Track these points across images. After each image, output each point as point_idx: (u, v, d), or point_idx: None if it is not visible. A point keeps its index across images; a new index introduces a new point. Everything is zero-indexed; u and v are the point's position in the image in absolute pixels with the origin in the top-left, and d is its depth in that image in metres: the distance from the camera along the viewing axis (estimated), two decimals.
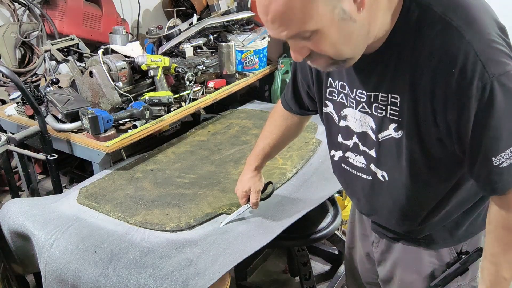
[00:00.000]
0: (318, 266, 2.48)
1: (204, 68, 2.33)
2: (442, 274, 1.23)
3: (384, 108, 1.02)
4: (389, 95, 1.00)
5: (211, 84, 2.37)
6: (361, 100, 1.06)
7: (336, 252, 2.43)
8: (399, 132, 1.02)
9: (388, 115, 1.02)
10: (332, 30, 0.85)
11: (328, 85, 1.16)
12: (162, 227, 1.51)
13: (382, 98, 1.01)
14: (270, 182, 1.58)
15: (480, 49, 0.87)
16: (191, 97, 2.23)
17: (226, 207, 1.60)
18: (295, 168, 1.86)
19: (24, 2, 2.37)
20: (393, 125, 1.02)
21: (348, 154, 1.18)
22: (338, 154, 1.23)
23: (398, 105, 0.99)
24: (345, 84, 1.10)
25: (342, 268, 2.14)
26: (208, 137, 2.20)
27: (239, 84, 2.48)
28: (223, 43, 2.42)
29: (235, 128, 2.28)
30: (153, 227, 1.51)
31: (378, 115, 1.04)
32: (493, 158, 0.92)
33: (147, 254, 1.37)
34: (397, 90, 0.98)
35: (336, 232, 1.98)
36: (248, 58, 2.57)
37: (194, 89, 2.26)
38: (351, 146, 1.16)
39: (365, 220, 1.38)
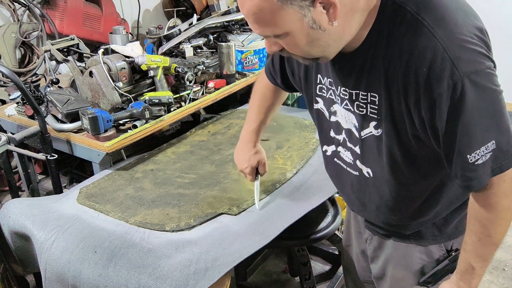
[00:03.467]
0: (318, 266, 2.48)
1: (204, 68, 2.33)
2: (431, 270, 1.24)
3: (364, 106, 1.04)
4: (368, 93, 1.02)
5: (211, 84, 2.37)
6: (345, 97, 1.08)
7: (336, 252, 2.43)
8: (379, 130, 1.04)
9: (368, 113, 1.04)
10: (301, 36, 0.90)
11: (318, 82, 1.17)
12: (162, 227, 1.51)
13: (362, 97, 1.03)
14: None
15: (449, 47, 0.87)
16: (191, 97, 2.23)
17: (226, 207, 1.60)
18: (295, 168, 1.86)
19: (24, 2, 2.38)
20: (373, 123, 1.04)
21: (340, 148, 1.21)
22: (330, 149, 1.24)
23: (377, 103, 1.01)
24: (332, 81, 1.12)
25: (342, 268, 2.14)
26: (208, 137, 2.20)
27: (239, 84, 2.48)
28: (223, 43, 2.42)
29: (235, 128, 2.28)
30: (153, 227, 1.51)
31: (360, 113, 1.06)
32: (468, 156, 0.92)
33: (147, 254, 1.37)
34: (375, 88, 1.00)
35: (336, 232, 1.98)
36: (248, 58, 2.57)
37: (194, 89, 2.26)
38: (341, 141, 1.19)
39: (360, 217, 1.39)
